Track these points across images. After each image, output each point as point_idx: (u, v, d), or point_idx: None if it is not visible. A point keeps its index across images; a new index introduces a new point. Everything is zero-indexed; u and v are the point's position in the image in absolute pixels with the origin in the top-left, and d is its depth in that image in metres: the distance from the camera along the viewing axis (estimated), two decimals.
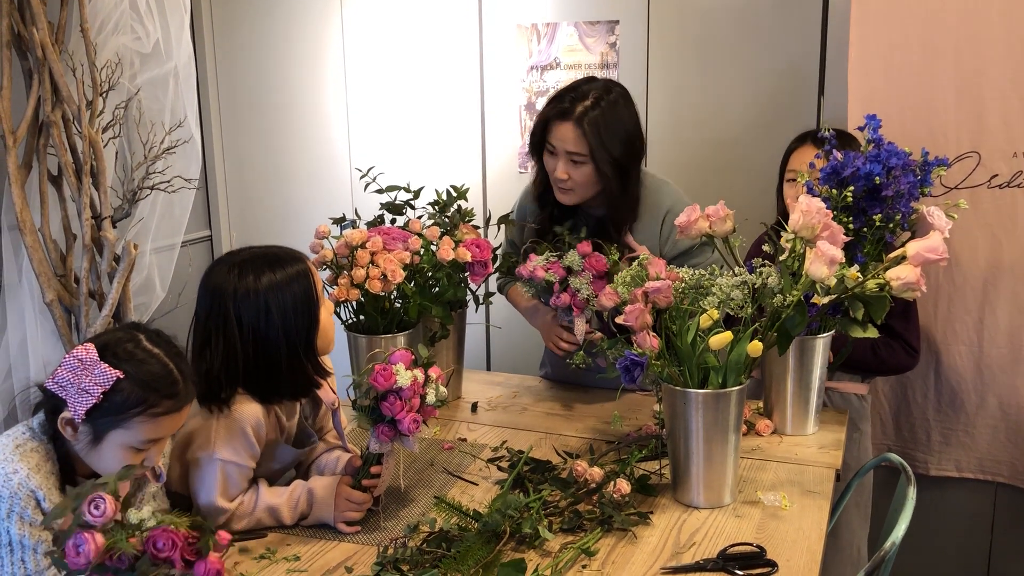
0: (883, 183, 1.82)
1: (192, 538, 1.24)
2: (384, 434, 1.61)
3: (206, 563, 1.23)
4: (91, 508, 1.18)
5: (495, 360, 3.14)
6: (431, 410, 1.64)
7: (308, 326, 1.66)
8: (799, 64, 2.65)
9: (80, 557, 1.17)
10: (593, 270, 1.99)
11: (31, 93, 2.53)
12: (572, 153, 2.06)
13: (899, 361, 2.26)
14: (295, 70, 3.24)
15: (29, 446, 1.39)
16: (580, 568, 1.50)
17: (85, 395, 1.35)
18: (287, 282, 1.64)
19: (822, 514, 1.68)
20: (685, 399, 1.66)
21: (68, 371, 1.36)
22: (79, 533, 1.17)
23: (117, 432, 1.38)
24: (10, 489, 1.33)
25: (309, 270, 1.68)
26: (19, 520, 1.34)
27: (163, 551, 1.20)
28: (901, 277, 1.64)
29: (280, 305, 1.63)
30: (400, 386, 1.57)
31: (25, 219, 2.51)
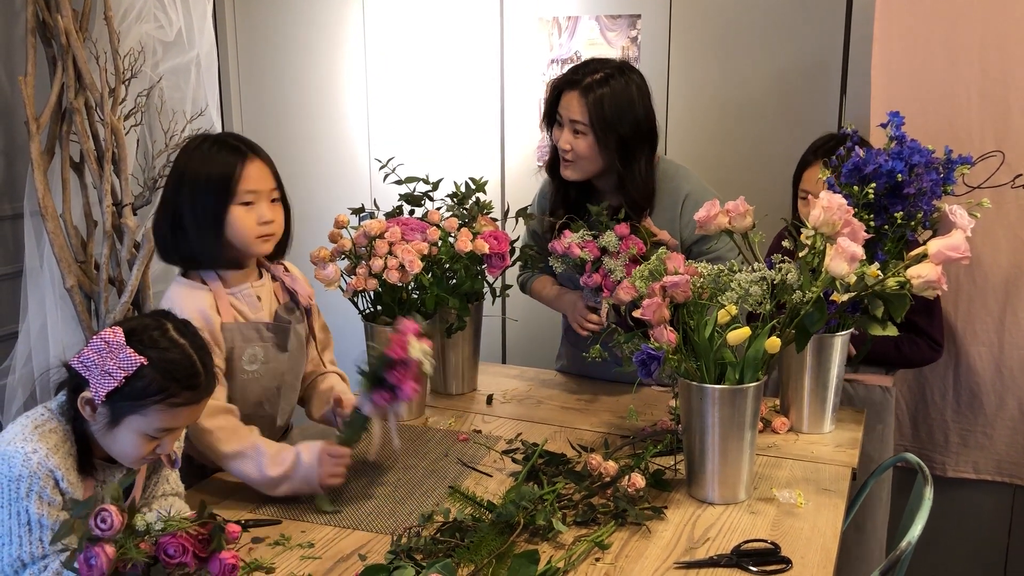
0: (905, 181, 1.81)
1: (202, 536, 1.25)
2: (383, 399, 1.66)
3: (220, 561, 1.24)
4: (98, 523, 1.19)
5: (511, 353, 3.15)
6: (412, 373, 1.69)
7: (215, 209, 1.72)
8: (822, 61, 2.63)
9: (93, 571, 1.18)
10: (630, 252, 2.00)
11: (55, 80, 2.56)
12: (575, 122, 2.07)
13: (923, 356, 2.26)
14: (316, 61, 3.25)
15: (48, 427, 1.40)
16: (593, 561, 1.50)
17: (108, 377, 1.36)
18: (209, 162, 1.73)
19: (837, 512, 1.67)
20: (702, 394, 1.65)
21: (94, 352, 1.37)
22: (89, 548, 1.18)
23: (134, 418, 1.39)
24: (29, 468, 1.35)
25: (238, 165, 1.73)
26: (38, 499, 1.35)
27: (175, 558, 1.21)
28: (922, 275, 1.63)
29: (194, 178, 1.73)
30: (411, 357, 1.64)
31: (47, 205, 2.53)
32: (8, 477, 1.34)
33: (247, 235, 1.75)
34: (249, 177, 1.74)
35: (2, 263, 2.73)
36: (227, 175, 1.72)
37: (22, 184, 2.68)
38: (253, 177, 1.75)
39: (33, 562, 1.35)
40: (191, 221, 1.74)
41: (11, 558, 1.35)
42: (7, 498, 1.34)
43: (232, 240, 1.76)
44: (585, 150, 2.08)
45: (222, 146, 1.77)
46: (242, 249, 1.78)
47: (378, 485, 1.78)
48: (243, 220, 1.74)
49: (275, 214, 1.79)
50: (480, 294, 2.24)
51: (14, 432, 1.40)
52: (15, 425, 1.42)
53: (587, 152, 2.09)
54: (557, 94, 2.12)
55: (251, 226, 1.75)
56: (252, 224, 1.75)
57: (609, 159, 2.09)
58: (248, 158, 1.75)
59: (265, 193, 1.77)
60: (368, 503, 1.71)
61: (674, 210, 2.16)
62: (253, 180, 1.75)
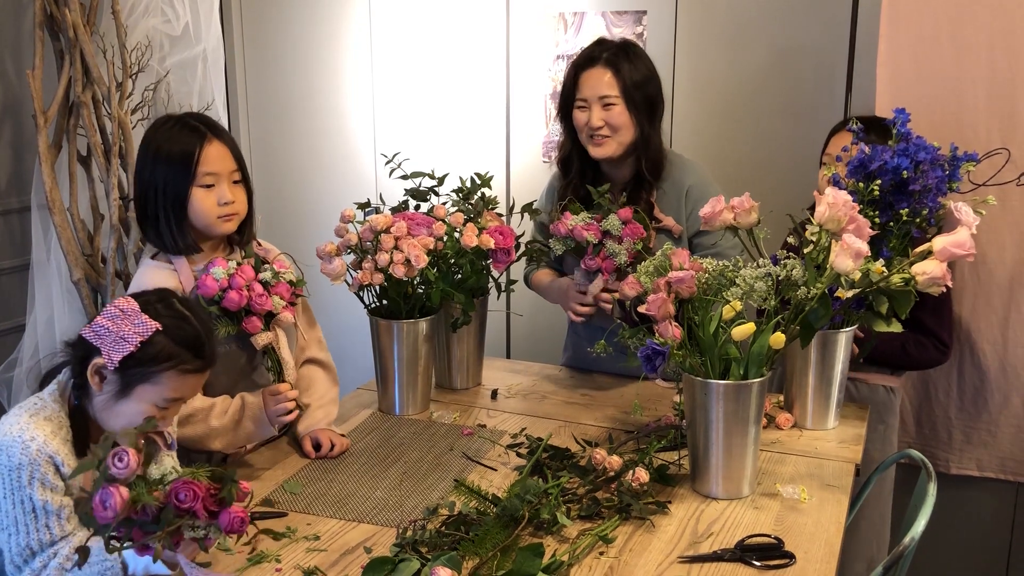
0: (911, 177, 1.81)
1: (214, 490, 1.26)
2: (252, 324, 1.72)
3: (230, 513, 1.26)
4: (115, 461, 1.21)
5: (515, 348, 3.15)
6: (281, 287, 1.75)
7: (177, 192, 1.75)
8: (828, 56, 2.62)
9: (108, 511, 1.20)
10: (632, 237, 2.01)
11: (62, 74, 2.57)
12: (604, 96, 2.11)
13: (930, 357, 2.25)
14: (322, 56, 3.25)
15: (43, 414, 1.42)
16: (597, 555, 1.51)
17: (122, 343, 1.38)
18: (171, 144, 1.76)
19: (841, 508, 1.67)
20: (706, 390, 1.66)
21: (107, 319, 1.39)
22: (105, 487, 1.20)
23: (144, 387, 1.41)
24: (28, 456, 1.36)
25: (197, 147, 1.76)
26: (40, 486, 1.36)
27: (185, 502, 1.22)
28: (927, 272, 1.63)
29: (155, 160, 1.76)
30: (221, 282, 1.67)
31: (54, 199, 2.54)
32: (8, 467, 1.36)
33: (208, 216, 1.79)
34: (208, 159, 1.77)
35: (9, 256, 2.74)
36: (187, 157, 1.76)
37: (29, 177, 2.69)
38: (212, 158, 1.78)
39: (42, 549, 1.36)
40: (157, 205, 1.78)
41: (19, 547, 1.36)
42: (10, 487, 1.36)
43: (194, 221, 1.80)
44: (619, 120, 2.12)
45: (183, 127, 1.80)
46: (204, 230, 1.82)
47: (383, 479, 1.79)
48: (204, 201, 1.78)
49: (236, 195, 1.82)
50: (485, 289, 2.24)
51: (10, 422, 1.41)
52: (9, 416, 1.43)
53: (621, 121, 2.13)
54: (576, 77, 2.16)
55: (211, 207, 1.79)
56: (212, 205, 1.79)
57: (639, 125, 2.14)
58: (207, 140, 1.78)
59: (225, 175, 1.80)
60: (374, 496, 1.72)
61: (678, 201, 2.18)
62: (212, 162, 1.78)
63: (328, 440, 1.90)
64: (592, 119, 2.13)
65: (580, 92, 2.15)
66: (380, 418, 2.11)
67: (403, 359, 2.08)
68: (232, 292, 1.70)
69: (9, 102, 2.69)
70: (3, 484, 1.36)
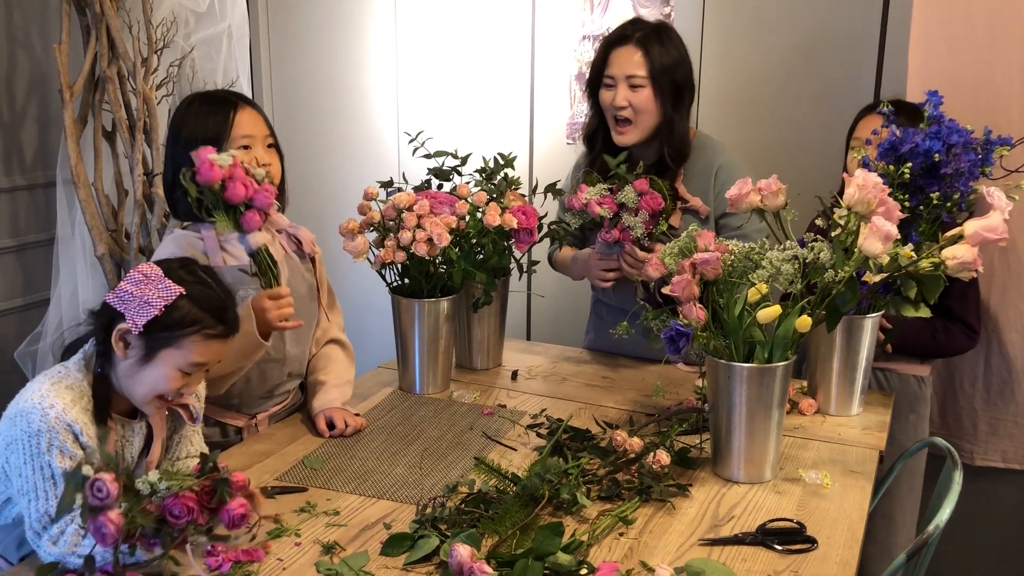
0: (942, 160, 1.78)
1: (207, 488, 1.26)
2: (252, 221, 1.63)
3: (229, 511, 1.26)
4: (94, 493, 1.20)
5: (535, 330, 3.14)
6: (268, 187, 1.66)
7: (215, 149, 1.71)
8: (858, 39, 2.58)
9: (107, 539, 1.20)
10: (649, 208, 1.99)
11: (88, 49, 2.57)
12: (631, 76, 2.10)
13: (958, 343, 2.22)
14: (346, 35, 3.24)
15: (65, 383, 1.43)
16: (617, 536, 1.50)
17: (147, 307, 1.39)
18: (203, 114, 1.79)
19: (864, 494, 1.65)
20: (729, 372, 1.64)
21: (131, 284, 1.40)
22: (95, 518, 1.20)
23: (169, 351, 1.42)
24: (47, 423, 1.37)
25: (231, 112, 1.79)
26: (59, 453, 1.37)
27: (181, 517, 1.23)
28: (957, 256, 1.60)
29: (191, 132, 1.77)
30: (224, 170, 1.58)
31: (79, 173, 2.55)
32: (28, 433, 1.36)
33: None
34: (243, 123, 1.80)
35: (35, 230, 2.76)
36: (222, 121, 1.79)
37: (55, 152, 2.70)
38: (246, 122, 1.81)
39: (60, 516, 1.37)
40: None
41: (39, 513, 1.37)
42: (29, 453, 1.36)
43: None
44: (643, 103, 2.11)
45: (214, 99, 1.84)
46: None
47: (403, 456, 1.79)
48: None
49: (272, 158, 1.85)
50: (507, 269, 2.23)
51: (32, 389, 1.42)
52: (33, 383, 1.44)
53: (646, 105, 2.11)
54: (606, 54, 2.14)
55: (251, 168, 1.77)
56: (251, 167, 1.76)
57: (664, 110, 2.12)
58: (239, 106, 1.82)
59: (260, 138, 1.83)
60: (394, 473, 1.72)
61: (707, 181, 2.16)
62: (246, 125, 1.81)
63: (342, 420, 1.90)
64: (617, 98, 2.11)
65: (608, 69, 2.13)
66: (400, 396, 2.10)
67: (424, 338, 2.08)
68: (236, 183, 1.58)
69: (36, 77, 2.70)
70: (23, 450, 1.37)
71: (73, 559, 1.35)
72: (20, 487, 1.38)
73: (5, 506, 1.47)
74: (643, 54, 2.10)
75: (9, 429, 1.39)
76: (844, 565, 1.43)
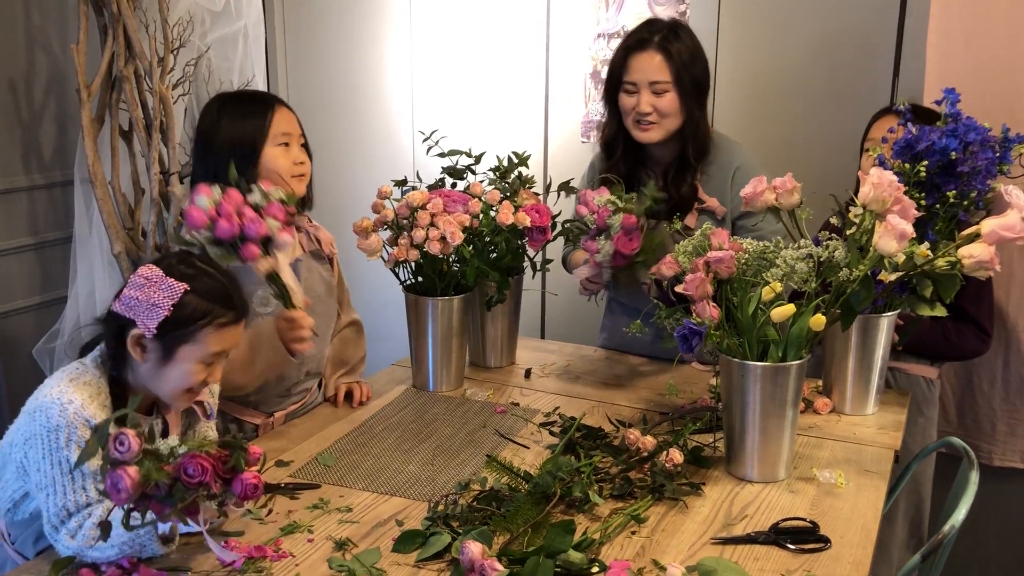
0: (959, 159, 1.76)
1: (224, 457, 1.27)
2: (249, 252, 1.63)
3: (242, 480, 1.26)
4: (116, 445, 1.22)
5: (549, 328, 3.14)
6: (274, 208, 1.65)
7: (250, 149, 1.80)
8: (875, 38, 2.56)
9: (121, 493, 1.22)
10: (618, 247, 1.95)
11: (105, 48, 2.59)
12: (655, 83, 2.07)
13: (971, 346, 2.19)
14: (361, 34, 3.25)
15: (83, 379, 1.44)
16: (629, 534, 1.50)
17: (155, 309, 1.39)
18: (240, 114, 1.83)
19: (879, 494, 1.64)
20: (743, 371, 1.63)
21: (135, 290, 1.40)
22: (113, 472, 1.21)
23: (186, 347, 1.43)
24: (66, 418, 1.38)
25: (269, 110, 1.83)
26: (77, 448, 1.38)
27: (195, 477, 1.24)
28: (974, 255, 1.59)
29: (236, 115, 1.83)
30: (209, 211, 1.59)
31: (96, 172, 2.57)
32: (46, 428, 1.38)
33: (284, 172, 1.83)
34: (280, 121, 1.84)
35: (53, 228, 2.79)
36: (261, 117, 1.83)
37: (73, 151, 2.73)
38: (283, 120, 1.85)
39: (78, 510, 1.38)
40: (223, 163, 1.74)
41: (56, 507, 1.38)
42: (48, 448, 1.38)
43: (268, 178, 1.80)
44: (668, 107, 2.09)
45: (249, 100, 1.88)
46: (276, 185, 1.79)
47: (416, 453, 1.80)
48: (280, 158, 1.84)
49: (306, 158, 1.89)
50: (520, 268, 2.23)
51: (50, 385, 1.44)
52: (51, 379, 1.46)
53: (671, 108, 2.09)
54: (625, 59, 2.11)
55: (288, 164, 1.85)
56: (288, 163, 1.85)
57: (687, 110, 2.10)
58: (276, 105, 1.86)
59: (296, 137, 1.87)
60: (406, 470, 1.72)
61: (725, 181, 2.15)
62: (284, 123, 1.85)
63: (359, 391, 2.04)
64: (641, 104, 2.09)
65: (629, 75, 2.11)
66: (414, 394, 2.11)
67: (437, 336, 2.08)
68: (222, 221, 1.59)
69: (54, 76, 2.72)
70: (41, 445, 1.38)
71: (91, 553, 1.37)
72: (38, 481, 1.39)
73: (23, 501, 1.48)
74: (664, 58, 2.07)
75: (28, 424, 1.41)
76: (857, 565, 1.42)
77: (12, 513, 1.50)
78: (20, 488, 1.47)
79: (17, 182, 2.66)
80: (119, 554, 1.36)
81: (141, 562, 1.38)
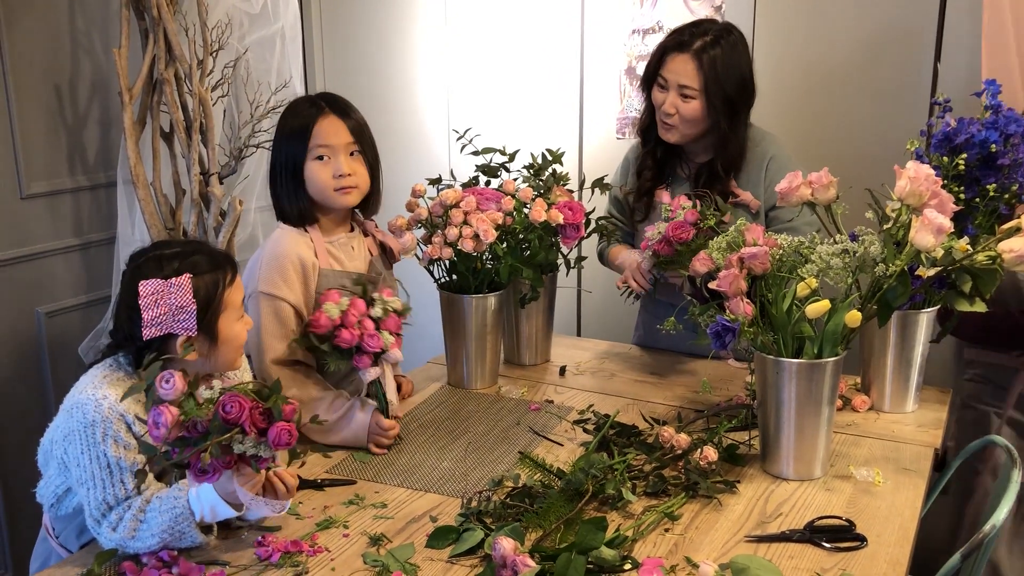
0: (999, 151, 1.73)
1: (261, 407, 1.30)
2: (362, 362, 1.74)
3: (277, 427, 1.30)
4: (162, 383, 1.29)
5: (585, 326, 3.14)
6: (391, 321, 1.78)
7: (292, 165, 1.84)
8: (915, 32, 2.52)
9: (160, 429, 1.27)
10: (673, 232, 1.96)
11: (146, 52, 2.63)
12: (684, 87, 2.05)
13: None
14: (397, 33, 3.27)
15: (116, 376, 1.48)
16: (662, 531, 1.49)
17: (184, 311, 1.44)
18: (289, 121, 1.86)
19: (917, 492, 1.62)
20: (778, 368, 1.62)
21: (154, 308, 1.44)
22: (155, 408, 1.27)
23: (223, 317, 1.51)
24: (101, 413, 1.41)
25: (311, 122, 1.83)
26: (113, 443, 1.42)
27: (232, 413, 1.28)
28: (1014, 249, 1.56)
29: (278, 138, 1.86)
30: (334, 320, 1.70)
31: (138, 174, 2.62)
32: (83, 423, 1.41)
33: (324, 188, 1.84)
34: (320, 133, 1.83)
35: (97, 229, 2.84)
36: (300, 132, 1.83)
37: (116, 153, 2.78)
38: (325, 132, 1.83)
39: (118, 503, 1.42)
40: (279, 179, 1.86)
41: (97, 501, 1.41)
42: (86, 443, 1.41)
43: (312, 194, 1.86)
44: (691, 114, 2.07)
45: (303, 105, 1.88)
46: (322, 202, 1.87)
47: (450, 450, 1.81)
48: (319, 173, 1.84)
49: (354, 167, 1.86)
50: (555, 265, 2.24)
51: (85, 382, 1.47)
52: (86, 376, 1.49)
53: (693, 116, 2.07)
54: (662, 56, 2.10)
55: (327, 179, 1.84)
56: (327, 177, 1.84)
57: (714, 121, 2.08)
58: (322, 115, 1.84)
59: (341, 147, 1.85)
60: (440, 467, 1.74)
61: (759, 173, 2.14)
62: (325, 135, 1.83)
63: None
64: (666, 104, 2.09)
65: (662, 70, 2.10)
66: (449, 391, 2.12)
67: (472, 334, 2.09)
68: (344, 331, 1.72)
69: (97, 80, 2.78)
70: (80, 440, 1.42)
71: (133, 544, 1.40)
72: (79, 476, 1.43)
73: (66, 496, 1.52)
74: (697, 66, 2.03)
75: (66, 421, 1.44)
76: (894, 564, 1.40)
77: (56, 508, 1.54)
78: (63, 484, 1.51)
79: (62, 184, 2.72)
80: (160, 543, 1.39)
81: (181, 554, 1.41)
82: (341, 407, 1.80)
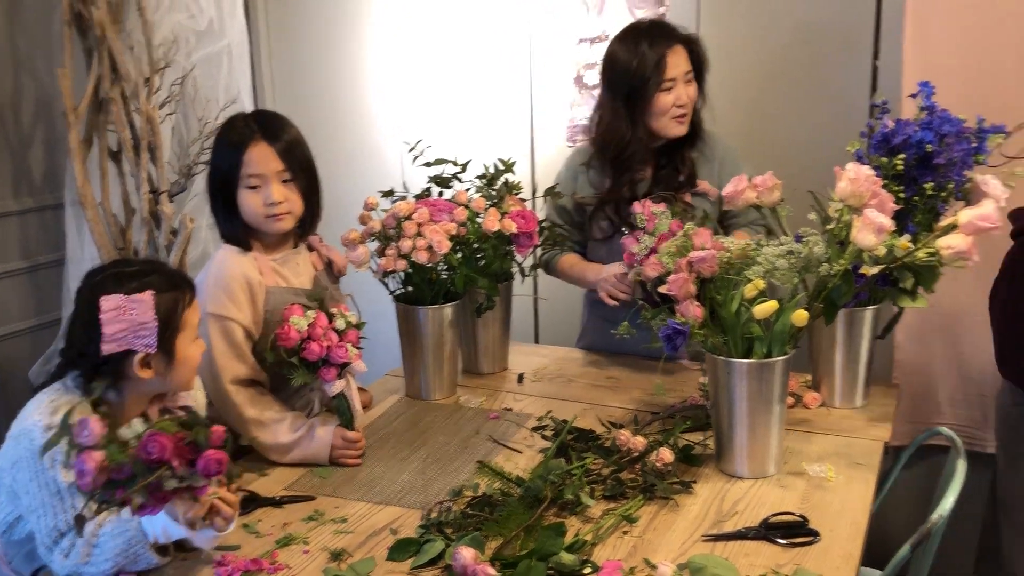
0: (935, 151, 1.78)
1: (188, 438, 1.28)
2: (329, 374, 1.76)
3: (206, 457, 1.27)
4: (80, 432, 1.25)
5: (543, 332, 3.15)
6: (351, 334, 1.79)
7: (224, 196, 1.84)
8: (853, 31, 2.58)
9: (86, 477, 1.23)
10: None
11: (91, 71, 2.61)
12: (687, 72, 2.18)
13: None
14: (345, 46, 3.27)
15: (64, 400, 1.46)
16: (621, 534, 1.51)
17: (145, 328, 1.44)
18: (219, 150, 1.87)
19: (868, 487, 1.66)
20: (729, 369, 1.65)
21: (115, 324, 1.42)
22: (78, 457, 1.24)
23: (180, 336, 1.51)
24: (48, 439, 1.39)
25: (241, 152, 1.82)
26: (63, 468, 1.40)
27: (154, 453, 1.24)
28: (952, 246, 1.61)
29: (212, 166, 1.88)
30: (303, 332, 1.71)
31: (86, 194, 2.59)
32: (30, 451, 1.40)
33: (256, 216, 1.84)
34: (251, 161, 1.81)
35: (45, 251, 2.80)
36: (233, 160, 1.82)
37: (62, 174, 2.74)
38: (255, 161, 1.81)
39: (69, 529, 1.40)
40: (216, 204, 1.87)
41: (48, 528, 1.40)
42: (34, 471, 1.40)
43: (247, 220, 1.86)
44: (694, 95, 2.20)
45: (232, 133, 1.85)
46: (256, 228, 1.87)
47: (410, 462, 1.81)
48: (250, 202, 1.83)
49: (285, 194, 1.84)
50: (509, 274, 2.25)
51: (31, 408, 1.46)
52: (33, 402, 1.48)
53: (695, 94, 2.21)
54: (660, 59, 2.13)
55: (257, 207, 1.83)
56: (258, 205, 1.83)
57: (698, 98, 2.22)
58: (252, 142, 1.82)
59: (272, 175, 1.83)
60: (400, 479, 1.74)
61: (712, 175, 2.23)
62: (255, 164, 1.81)
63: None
64: (681, 97, 2.16)
65: (668, 73, 2.13)
66: (407, 403, 2.13)
67: (429, 344, 2.10)
68: (313, 343, 1.72)
69: (41, 100, 2.74)
70: (28, 468, 1.40)
71: (86, 570, 1.38)
72: (28, 504, 1.41)
73: (17, 523, 1.50)
74: (688, 52, 2.18)
75: (14, 449, 1.42)
76: (847, 557, 1.44)
77: (8, 534, 1.52)
78: (13, 511, 1.49)
79: (7, 207, 2.67)
80: (115, 567, 1.37)
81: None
82: (302, 426, 1.80)
